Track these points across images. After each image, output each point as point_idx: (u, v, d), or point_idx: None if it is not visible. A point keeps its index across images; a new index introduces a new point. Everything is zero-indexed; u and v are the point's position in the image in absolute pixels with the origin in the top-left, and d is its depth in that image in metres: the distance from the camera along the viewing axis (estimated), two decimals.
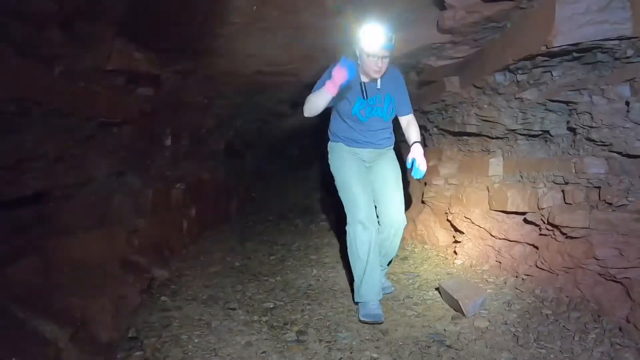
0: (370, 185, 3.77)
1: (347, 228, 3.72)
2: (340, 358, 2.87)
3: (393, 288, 4.03)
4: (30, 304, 2.52)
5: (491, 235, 4.20)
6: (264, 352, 2.91)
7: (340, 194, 3.78)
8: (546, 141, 3.75)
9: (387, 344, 3.03)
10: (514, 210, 3.91)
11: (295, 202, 7.92)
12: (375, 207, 3.77)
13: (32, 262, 2.74)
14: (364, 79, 3.54)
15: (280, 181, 8.89)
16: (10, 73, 2.43)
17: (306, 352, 2.94)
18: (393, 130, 3.86)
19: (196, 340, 3.01)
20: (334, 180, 3.83)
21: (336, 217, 7.19)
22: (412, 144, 3.65)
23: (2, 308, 2.36)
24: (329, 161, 3.89)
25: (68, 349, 2.47)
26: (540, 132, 3.73)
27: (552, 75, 3.36)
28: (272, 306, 3.71)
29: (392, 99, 3.64)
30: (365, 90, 3.51)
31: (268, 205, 7.76)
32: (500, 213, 4.13)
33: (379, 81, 3.54)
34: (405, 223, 3.79)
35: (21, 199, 2.78)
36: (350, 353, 2.92)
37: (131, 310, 3.29)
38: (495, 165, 4.32)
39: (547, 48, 2.97)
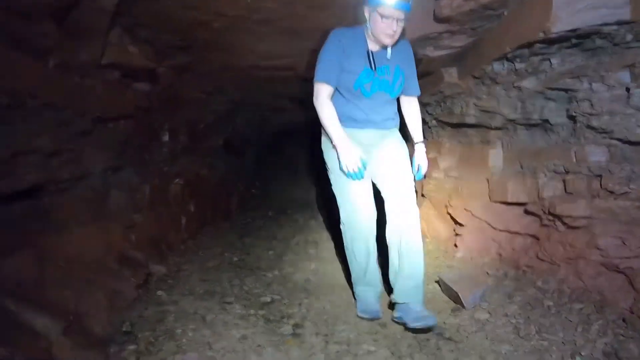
0: (370, 175, 3.37)
1: (342, 227, 3.50)
2: (337, 351, 2.82)
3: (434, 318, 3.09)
4: (22, 297, 2.49)
5: (492, 227, 4.16)
6: (259, 345, 2.86)
7: (334, 187, 3.43)
8: (546, 130, 3.71)
9: (385, 337, 3.00)
10: (515, 201, 3.86)
11: (294, 197, 7.90)
12: (380, 195, 3.42)
13: (26, 256, 2.71)
14: (371, 47, 3.17)
15: (280, 177, 8.87)
16: (3, 65, 2.40)
17: (302, 346, 2.90)
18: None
19: (190, 334, 2.96)
20: (327, 170, 3.45)
21: (337, 212, 7.17)
22: (416, 144, 3.47)
23: None
24: (321, 146, 3.43)
25: (60, 342, 2.44)
26: (539, 121, 3.68)
27: (550, 63, 3.31)
28: (269, 300, 3.66)
29: (402, 72, 3.27)
30: (373, 59, 3.13)
31: (267, 201, 7.74)
32: (500, 204, 4.08)
33: (389, 49, 3.14)
34: (417, 211, 3.29)
35: (15, 193, 2.75)
36: (348, 346, 2.88)
37: (126, 304, 3.26)
38: (495, 157, 4.27)
39: (545, 35, 2.93)
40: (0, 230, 2.71)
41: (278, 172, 9.08)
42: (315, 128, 3.28)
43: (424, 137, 3.62)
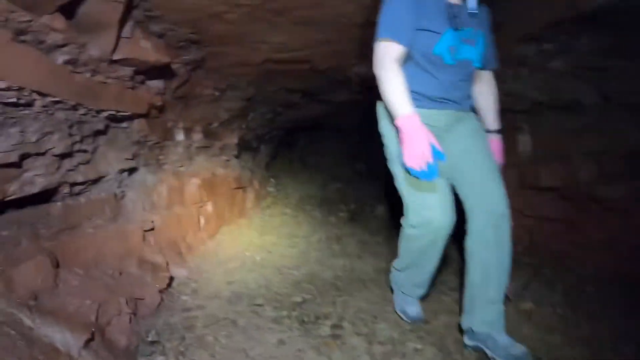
0: (446, 172, 2.62)
1: (410, 231, 2.76)
2: (383, 352, 2.67)
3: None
4: (39, 310, 2.33)
5: (524, 214, 4.03)
6: (299, 349, 2.69)
7: (398, 183, 2.69)
8: (576, 111, 3.59)
9: (429, 334, 2.87)
10: (548, 185, 3.75)
11: (311, 193, 7.76)
12: (456, 193, 2.73)
13: (40, 264, 2.54)
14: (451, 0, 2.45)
15: (296, 173, 8.73)
16: (10, 61, 2.28)
17: (344, 347, 2.73)
18: None
19: (223, 341, 2.78)
20: (386, 159, 2.76)
21: (355, 207, 7.06)
22: (492, 134, 2.81)
23: (7, 315, 2.17)
24: (381, 130, 2.73)
25: (82, 358, 2.28)
26: (569, 103, 3.55)
27: (580, 42, 3.19)
28: (300, 300, 3.48)
29: (484, 38, 2.58)
30: (456, 15, 2.39)
31: (284, 198, 7.60)
32: (532, 190, 3.97)
33: (472, 2, 2.45)
34: (510, 220, 2.56)
35: (27, 197, 2.63)
36: (393, 346, 2.73)
37: (151, 312, 3.09)
38: (524, 141, 4.13)
39: (574, 12, 2.82)
40: (12, 237, 2.58)
41: (293, 168, 8.94)
42: (331, 122, 3.11)
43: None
